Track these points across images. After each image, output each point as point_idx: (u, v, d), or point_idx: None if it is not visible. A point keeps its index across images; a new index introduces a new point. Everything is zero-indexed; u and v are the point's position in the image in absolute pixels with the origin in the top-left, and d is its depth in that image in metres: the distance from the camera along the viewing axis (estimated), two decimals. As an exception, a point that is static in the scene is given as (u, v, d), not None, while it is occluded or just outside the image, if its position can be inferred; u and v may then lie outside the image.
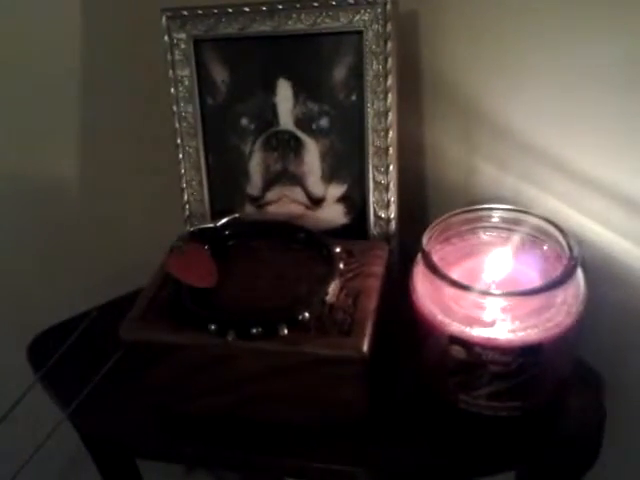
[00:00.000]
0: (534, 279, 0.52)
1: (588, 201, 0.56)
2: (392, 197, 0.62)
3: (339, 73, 0.61)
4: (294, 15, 0.60)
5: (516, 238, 0.55)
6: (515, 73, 0.58)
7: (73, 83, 0.73)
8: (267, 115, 0.64)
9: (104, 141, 0.76)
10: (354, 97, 0.61)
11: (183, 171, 0.67)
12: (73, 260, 0.80)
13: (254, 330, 0.51)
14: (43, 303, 0.77)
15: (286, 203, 0.66)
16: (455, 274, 0.51)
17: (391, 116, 0.60)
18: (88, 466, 0.74)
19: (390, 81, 0.59)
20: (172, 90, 0.64)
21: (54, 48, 0.71)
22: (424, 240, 0.53)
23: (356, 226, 0.64)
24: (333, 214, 0.65)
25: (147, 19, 0.64)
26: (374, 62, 0.59)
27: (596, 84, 0.53)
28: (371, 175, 0.62)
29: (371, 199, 0.63)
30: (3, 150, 0.74)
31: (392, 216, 0.63)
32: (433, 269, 0.50)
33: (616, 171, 0.55)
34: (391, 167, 0.61)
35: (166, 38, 0.63)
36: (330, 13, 0.59)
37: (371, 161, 0.62)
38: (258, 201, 0.66)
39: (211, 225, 0.61)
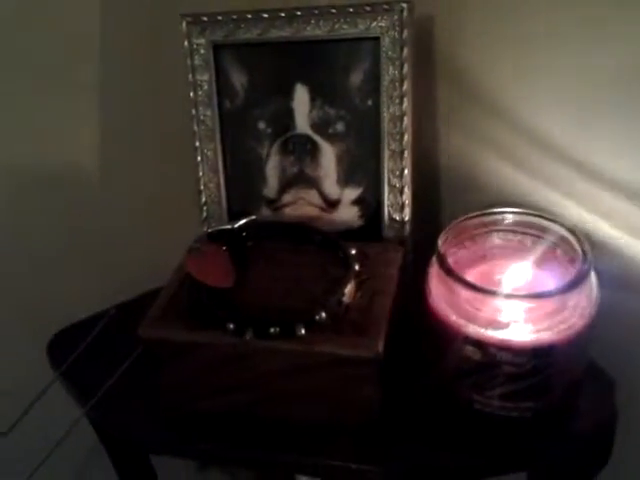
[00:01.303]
0: (548, 282, 0.53)
1: (603, 203, 0.57)
2: (407, 200, 0.63)
3: (356, 78, 0.62)
4: (312, 21, 0.61)
5: (530, 241, 0.55)
6: (532, 75, 0.58)
7: (94, 85, 0.74)
8: (284, 119, 0.65)
9: (123, 142, 0.76)
10: (370, 102, 0.62)
11: (201, 173, 0.68)
12: (92, 259, 0.81)
13: (272, 330, 0.52)
14: (62, 302, 0.78)
15: (302, 205, 0.67)
16: (470, 276, 0.52)
17: (406, 120, 0.61)
18: (103, 462, 0.75)
19: (406, 86, 0.60)
20: (191, 94, 0.66)
21: (74, 50, 0.72)
22: (439, 242, 0.53)
23: (371, 228, 0.65)
24: (348, 216, 0.66)
25: (167, 24, 0.65)
26: (390, 67, 0.60)
27: (616, 85, 0.53)
28: (386, 178, 0.63)
29: (386, 202, 0.64)
30: (28, 147, 0.75)
31: (407, 219, 0.64)
32: (448, 271, 0.51)
33: (631, 172, 0.55)
34: (406, 170, 0.62)
35: (186, 43, 0.64)
36: (348, 19, 0.60)
37: (386, 164, 0.63)
38: (274, 203, 0.67)
39: (229, 227, 0.62)
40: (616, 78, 0.53)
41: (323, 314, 0.53)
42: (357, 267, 0.57)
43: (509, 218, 0.56)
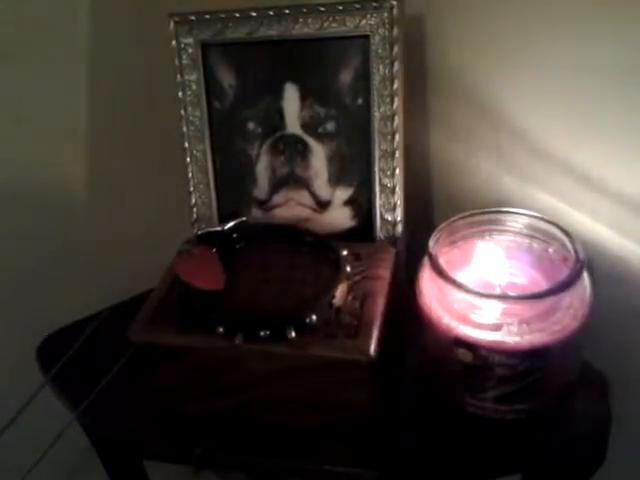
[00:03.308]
0: (540, 282, 0.53)
1: (594, 203, 0.57)
2: (398, 200, 0.63)
3: (345, 77, 0.61)
4: (301, 20, 0.60)
5: (522, 241, 0.55)
6: (522, 76, 0.58)
7: (81, 87, 0.73)
8: (274, 119, 0.64)
9: (112, 144, 0.76)
10: (360, 101, 0.62)
11: (190, 174, 0.67)
12: (81, 262, 0.80)
13: (262, 333, 0.51)
14: (52, 305, 0.78)
15: (293, 206, 0.66)
16: (461, 277, 0.52)
17: (397, 120, 0.60)
18: (96, 467, 0.75)
19: (396, 85, 0.59)
20: (180, 94, 0.65)
21: (61, 53, 0.71)
22: (431, 243, 0.53)
23: (362, 229, 0.65)
24: (339, 217, 0.65)
25: (155, 24, 0.64)
26: (380, 66, 0.59)
27: (606, 87, 0.53)
28: (377, 178, 0.63)
29: (377, 202, 0.63)
30: (17, 154, 0.74)
31: (398, 219, 0.63)
32: (440, 272, 0.50)
33: (622, 173, 0.55)
34: (397, 170, 0.62)
35: (174, 43, 0.64)
36: (337, 17, 0.59)
37: (377, 164, 0.62)
38: (265, 204, 0.67)
39: (219, 228, 0.62)
40: (614, 79, 0.53)
41: (314, 317, 0.52)
42: (349, 268, 0.57)
43: (501, 218, 0.56)
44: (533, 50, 0.56)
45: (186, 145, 0.66)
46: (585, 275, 0.50)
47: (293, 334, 0.52)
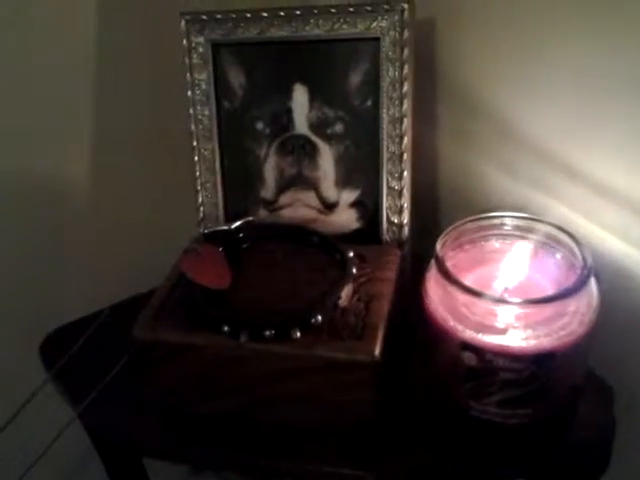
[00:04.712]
0: (547, 287, 0.53)
1: (602, 210, 0.56)
2: (405, 203, 0.63)
3: (355, 79, 0.62)
4: (312, 21, 0.60)
5: (529, 246, 0.55)
6: (531, 81, 0.58)
7: (88, 84, 0.73)
8: (282, 119, 0.64)
9: (119, 142, 0.76)
10: (369, 103, 0.62)
11: (198, 173, 0.67)
12: (86, 260, 0.80)
13: (267, 332, 0.51)
14: (55, 302, 0.78)
15: (299, 207, 0.66)
16: (468, 281, 0.51)
17: (406, 122, 0.60)
18: (96, 465, 0.75)
19: (406, 88, 0.60)
20: (189, 93, 0.65)
21: (69, 50, 0.72)
22: (437, 246, 0.53)
23: (369, 231, 0.65)
24: (346, 219, 0.65)
25: (166, 23, 0.64)
26: (390, 68, 0.60)
27: (612, 93, 0.53)
28: (385, 181, 0.63)
29: (384, 204, 0.63)
30: (21, 150, 0.74)
31: (405, 222, 0.63)
32: (446, 275, 0.50)
33: (630, 181, 0.55)
34: (405, 173, 0.62)
35: (184, 42, 0.64)
36: (347, 19, 0.60)
37: (385, 167, 0.62)
38: (272, 205, 0.67)
39: (225, 227, 0.62)
40: (617, 85, 0.52)
41: (319, 317, 0.52)
42: (354, 270, 0.57)
43: (508, 222, 0.55)
44: (545, 54, 0.56)
45: (194, 144, 0.66)
46: (592, 281, 0.50)
47: (298, 334, 0.51)
